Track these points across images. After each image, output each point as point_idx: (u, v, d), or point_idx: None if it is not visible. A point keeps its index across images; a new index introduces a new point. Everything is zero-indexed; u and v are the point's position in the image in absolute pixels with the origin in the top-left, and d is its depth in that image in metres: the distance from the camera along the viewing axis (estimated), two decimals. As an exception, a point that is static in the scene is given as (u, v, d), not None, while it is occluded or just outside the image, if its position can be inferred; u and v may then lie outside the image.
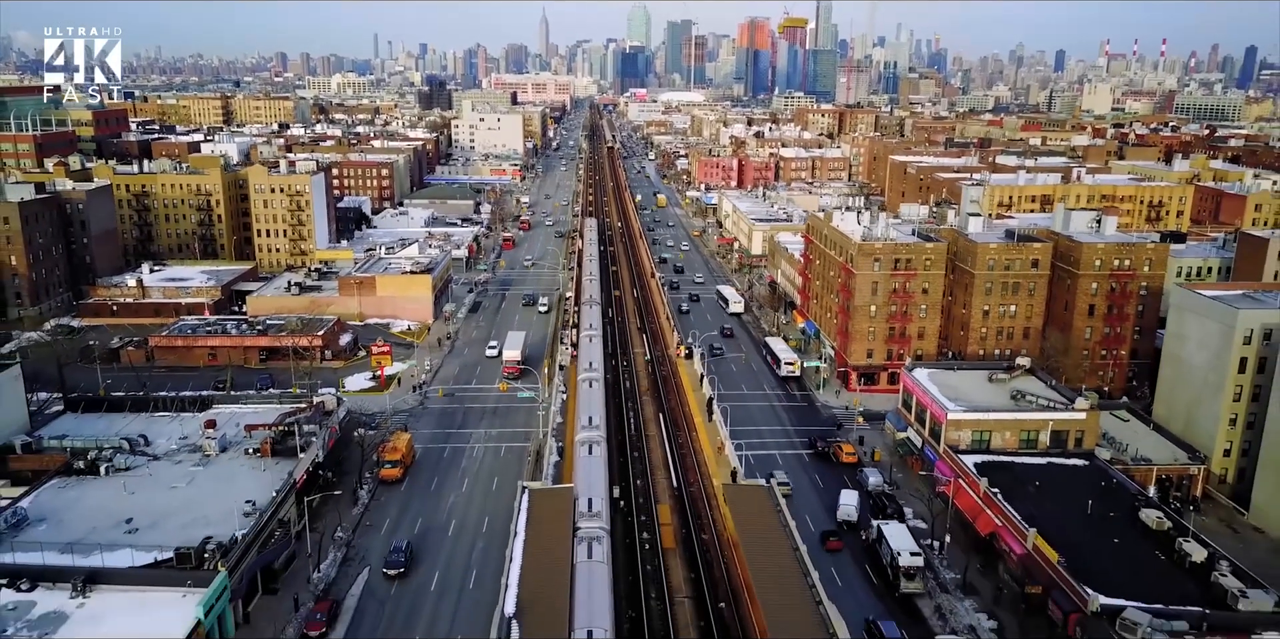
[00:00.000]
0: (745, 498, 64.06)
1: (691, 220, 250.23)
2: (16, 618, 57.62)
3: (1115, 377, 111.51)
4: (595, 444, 77.64)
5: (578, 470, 72.03)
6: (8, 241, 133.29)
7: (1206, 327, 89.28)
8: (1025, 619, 62.68)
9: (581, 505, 63.78)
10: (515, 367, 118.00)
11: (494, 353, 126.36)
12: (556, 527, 60.17)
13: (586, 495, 65.13)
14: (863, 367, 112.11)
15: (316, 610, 64.01)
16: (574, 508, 62.74)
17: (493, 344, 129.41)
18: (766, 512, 61.54)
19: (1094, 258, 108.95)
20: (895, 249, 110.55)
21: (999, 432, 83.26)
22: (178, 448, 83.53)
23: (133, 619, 57.16)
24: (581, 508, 63.37)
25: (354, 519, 79.48)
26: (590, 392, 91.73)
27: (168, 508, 71.63)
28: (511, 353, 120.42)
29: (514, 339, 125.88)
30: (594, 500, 63.83)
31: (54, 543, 64.23)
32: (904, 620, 64.75)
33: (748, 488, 66.64)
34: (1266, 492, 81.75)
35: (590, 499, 64.27)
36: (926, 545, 73.53)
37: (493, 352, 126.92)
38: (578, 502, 63.86)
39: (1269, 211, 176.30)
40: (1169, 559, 65.29)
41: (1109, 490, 75.88)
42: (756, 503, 62.94)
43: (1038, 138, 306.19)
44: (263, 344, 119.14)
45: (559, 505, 62.97)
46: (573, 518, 61.30)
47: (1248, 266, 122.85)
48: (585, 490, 66.32)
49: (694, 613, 63.15)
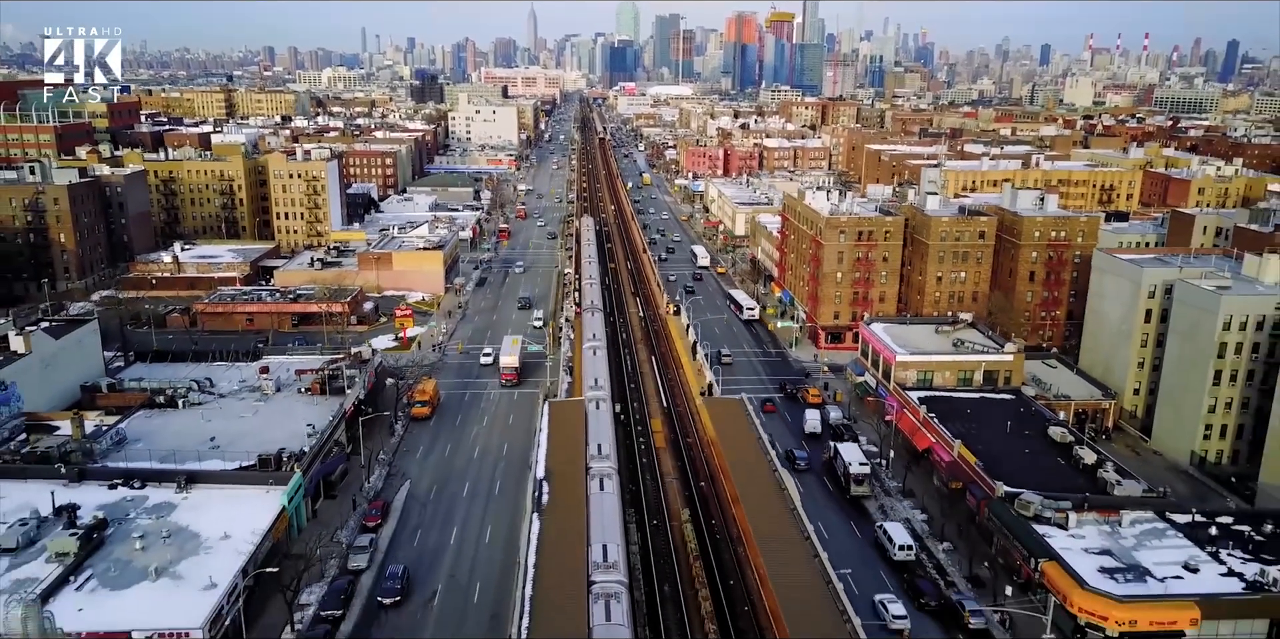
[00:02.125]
0: (721, 407, 78.88)
1: (680, 206, 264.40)
2: (135, 507, 71.56)
3: (1053, 335, 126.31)
4: (602, 401, 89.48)
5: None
6: (57, 220, 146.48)
7: (1120, 284, 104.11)
8: (948, 510, 77.17)
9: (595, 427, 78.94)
10: (513, 373, 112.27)
11: (489, 360, 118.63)
12: (573, 429, 75.31)
13: (594, 396, 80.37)
14: (830, 327, 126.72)
15: (372, 507, 78.34)
16: (584, 410, 77.99)
17: (487, 351, 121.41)
18: (738, 416, 76.31)
19: (1033, 230, 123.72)
20: (859, 222, 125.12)
21: (940, 372, 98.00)
22: (238, 389, 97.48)
23: (229, 508, 71.07)
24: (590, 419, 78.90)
25: (393, 447, 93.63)
26: (595, 359, 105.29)
27: (240, 431, 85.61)
28: (508, 359, 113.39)
29: (510, 345, 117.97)
30: (601, 402, 78.92)
31: (157, 451, 78.42)
32: (853, 516, 79.50)
33: (723, 400, 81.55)
34: (1164, 423, 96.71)
35: (598, 401, 79.42)
36: (875, 462, 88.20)
37: (487, 359, 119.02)
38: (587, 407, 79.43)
39: (1211, 194, 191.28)
40: (1067, 463, 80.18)
41: (1027, 416, 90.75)
42: (730, 411, 77.71)
43: (1009, 128, 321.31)
44: (295, 310, 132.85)
45: (573, 411, 78.21)
46: (584, 421, 76.47)
47: (1177, 240, 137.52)
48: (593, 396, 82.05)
49: (680, 489, 79.34)
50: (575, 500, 64.87)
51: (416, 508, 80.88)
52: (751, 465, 69.57)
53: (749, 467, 69.27)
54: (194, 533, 67.60)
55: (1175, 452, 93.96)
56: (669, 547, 71.38)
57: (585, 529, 61.62)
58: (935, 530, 77.06)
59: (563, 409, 79.02)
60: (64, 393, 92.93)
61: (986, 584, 68.17)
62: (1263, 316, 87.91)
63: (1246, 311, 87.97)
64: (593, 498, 65.39)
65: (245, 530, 67.28)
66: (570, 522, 61.59)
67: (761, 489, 66.15)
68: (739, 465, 69.30)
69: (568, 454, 70.69)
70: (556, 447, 72.41)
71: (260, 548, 65.84)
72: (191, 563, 63.69)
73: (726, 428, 75.11)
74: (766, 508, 65.66)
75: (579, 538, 60.05)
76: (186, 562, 63.87)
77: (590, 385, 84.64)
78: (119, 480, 74.46)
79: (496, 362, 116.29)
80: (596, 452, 71.60)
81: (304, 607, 64.85)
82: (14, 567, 62.74)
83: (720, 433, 74.84)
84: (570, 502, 64.58)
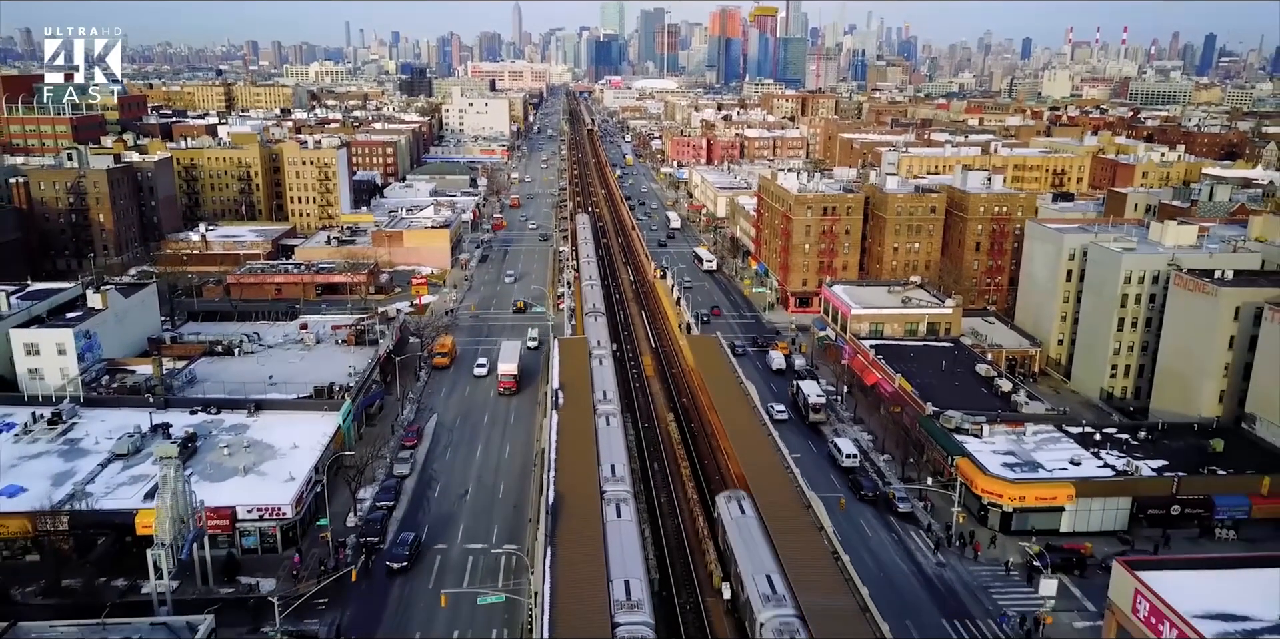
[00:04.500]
0: (699, 342, 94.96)
1: (666, 192, 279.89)
2: (215, 427, 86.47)
3: (997, 298, 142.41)
4: (604, 358, 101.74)
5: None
6: (96, 202, 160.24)
7: (1047, 249, 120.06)
8: (887, 429, 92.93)
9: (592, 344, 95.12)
10: (511, 381, 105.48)
11: (483, 372, 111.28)
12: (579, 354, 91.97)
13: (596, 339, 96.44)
14: (799, 292, 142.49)
15: (409, 430, 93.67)
16: (589, 348, 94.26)
17: (481, 361, 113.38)
18: (715, 349, 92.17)
19: (979, 205, 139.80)
20: (823, 199, 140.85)
21: (889, 323, 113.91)
22: (283, 341, 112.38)
23: (294, 427, 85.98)
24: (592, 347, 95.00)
25: (419, 389, 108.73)
26: (595, 324, 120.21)
27: (292, 373, 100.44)
28: (507, 366, 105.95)
29: (508, 351, 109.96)
30: (601, 342, 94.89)
31: (224, 386, 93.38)
32: (811, 437, 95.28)
33: (701, 337, 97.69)
34: (1080, 367, 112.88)
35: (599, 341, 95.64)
36: (831, 397, 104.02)
37: (481, 371, 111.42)
38: (590, 344, 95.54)
39: (1154, 178, 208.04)
40: (989, 392, 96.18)
41: (961, 359, 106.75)
42: (706, 344, 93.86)
43: (977, 119, 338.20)
44: (319, 281, 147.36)
45: (579, 347, 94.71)
46: (589, 352, 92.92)
47: (1114, 215, 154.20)
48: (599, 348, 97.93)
49: (666, 405, 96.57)
50: (585, 426, 78.43)
51: (445, 433, 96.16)
52: (723, 379, 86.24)
53: (722, 380, 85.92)
54: (268, 444, 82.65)
55: (1089, 390, 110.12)
56: (657, 440, 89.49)
57: (595, 451, 73.64)
58: (878, 446, 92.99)
59: (570, 345, 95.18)
60: (133, 344, 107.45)
61: (915, 482, 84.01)
62: (1157, 272, 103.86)
63: (1144, 268, 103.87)
64: (601, 432, 77.53)
65: (311, 442, 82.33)
66: (582, 444, 74.85)
67: (731, 395, 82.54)
68: (712, 379, 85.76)
69: (576, 375, 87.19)
70: (565, 368, 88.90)
71: (325, 454, 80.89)
72: (271, 465, 78.77)
73: (703, 356, 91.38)
74: (734, 404, 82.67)
75: (589, 452, 74.68)
76: (267, 464, 78.97)
77: (595, 342, 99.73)
78: (198, 407, 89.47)
79: (493, 370, 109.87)
80: (602, 396, 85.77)
81: (361, 501, 79.99)
82: (128, 467, 77.74)
83: (698, 360, 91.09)
84: (581, 427, 78.27)
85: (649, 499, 76.35)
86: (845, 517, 76.60)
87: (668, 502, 77.58)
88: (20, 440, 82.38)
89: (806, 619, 50.12)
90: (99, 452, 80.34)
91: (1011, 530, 75.60)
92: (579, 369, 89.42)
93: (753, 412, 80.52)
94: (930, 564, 71.96)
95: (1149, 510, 76.11)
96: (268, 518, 71.32)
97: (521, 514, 78.16)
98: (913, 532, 77.00)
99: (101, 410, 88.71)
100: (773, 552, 57.15)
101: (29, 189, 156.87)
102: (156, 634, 53.46)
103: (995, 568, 71.60)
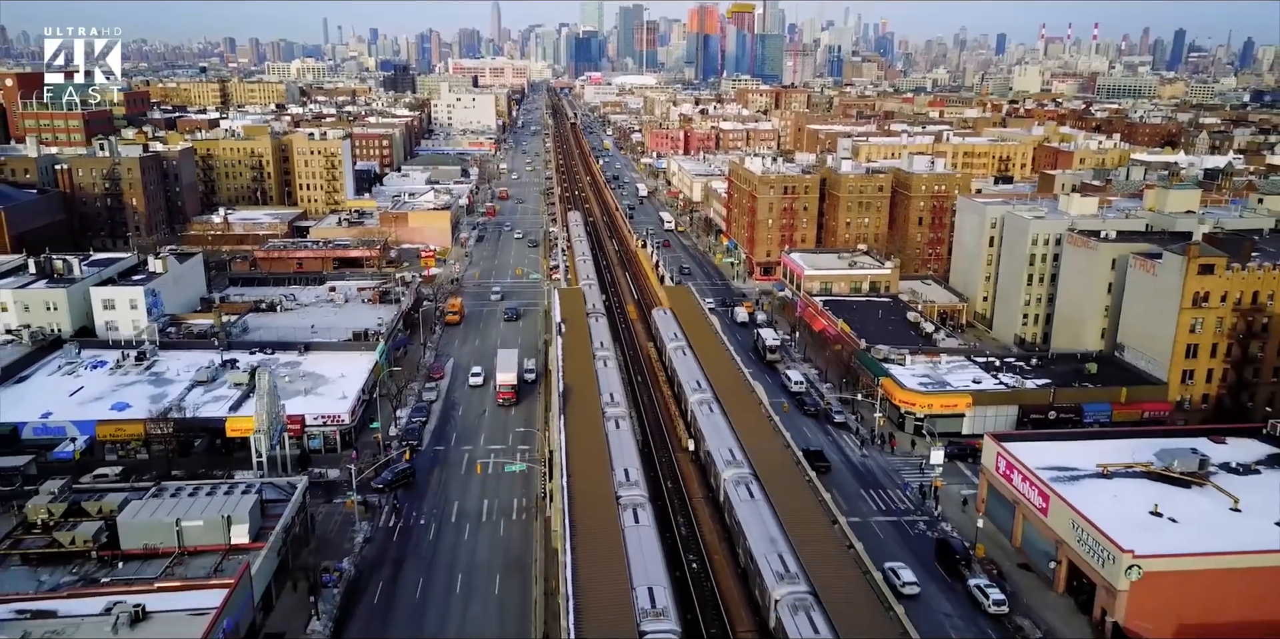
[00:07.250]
0: (674, 290, 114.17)
1: (646, 180, 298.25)
2: (271, 363, 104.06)
3: (937, 266, 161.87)
4: (608, 359, 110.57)
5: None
6: (130, 187, 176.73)
7: (974, 220, 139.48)
8: (830, 364, 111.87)
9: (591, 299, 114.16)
10: (510, 391, 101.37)
11: (478, 381, 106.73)
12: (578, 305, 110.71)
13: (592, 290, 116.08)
14: (763, 262, 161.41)
15: (434, 367, 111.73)
16: (585, 300, 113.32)
17: (476, 371, 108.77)
18: (686, 294, 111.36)
19: (921, 184, 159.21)
20: (785, 180, 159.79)
21: (837, 283, 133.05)
22: (316, 301, 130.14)
23: (338, 364, 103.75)
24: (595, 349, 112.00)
25: (435, 340, 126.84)
26: (591, 293, 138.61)
27: (329, 324, 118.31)
28: (505, 376, 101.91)
29: (506, 359, 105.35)
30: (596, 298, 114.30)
31: (278, 330, 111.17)
32: (769, 373, 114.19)
33: (678, 288, 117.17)
34: (999, 318, 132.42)
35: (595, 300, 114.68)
36: (787, 343, 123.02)
37: (477, 380, 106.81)
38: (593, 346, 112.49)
39: (1090, 163, 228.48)
40: (915, 334, 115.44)
41: (897, 310, 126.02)
42: (680, 293, 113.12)
43: (938, 111, 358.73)
44: (336, 255, 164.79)
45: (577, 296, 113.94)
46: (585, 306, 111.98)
47: (1044, 193, 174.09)
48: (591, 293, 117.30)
49: (645, 335, 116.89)
50: (594, 430, 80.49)
51: (461, 372, 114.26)
52: (693, 316, 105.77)
53: (692, 317, 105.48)
54: (320, 374, 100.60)
55: (1006, 337, 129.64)
56: (640, 360, 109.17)
57: (607, 456, 74.88)
58: (822, 378, 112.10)
59: (569, 294, 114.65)
60: (188, 303, 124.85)
61: (850, 403, 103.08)
62: (1060, 235, 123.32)
63: (1049, 232, 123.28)
64: (611, 436, 79.37)
65: (356, 372, 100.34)
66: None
67: (701, 327, 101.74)
68: (684, 317, 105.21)
69: (575, 327, 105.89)
70: (565, 307, 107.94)
71: (368, 381, 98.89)
72: (325, 388, 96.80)
73: (678, 301, 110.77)
74: (703, 334, 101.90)
75: (592, 386, 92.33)
76: (321, 387, 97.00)
77: (598, 344, 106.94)
78: (256, 349, 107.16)
79: (488, 381, 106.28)
80: (610, 399, 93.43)
81: (398, 419, 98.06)
82: (209, 391, 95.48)
83: (673, 303, 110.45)
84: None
85: (635, 402, 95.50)
86: (793, 426, 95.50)
87: (649, 403, 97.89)
88: (114, 373, 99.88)
89: (757, 474, 68.72)
90: (181, 381, 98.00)
91: (922, 433, 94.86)
92: (577, 320, 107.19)
93: (715, 336, 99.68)
94: (856, 456, 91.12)
95: (1032, 416, 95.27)
96: (330, 424, 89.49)
97: (531, 432, 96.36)
98: (845, 435, 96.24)
99: (176, 351, 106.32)
100: (731, 428, 76.13)
101: (71, 175, 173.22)
102: (267, 489, 71.49)
103: (908, 459, 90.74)
